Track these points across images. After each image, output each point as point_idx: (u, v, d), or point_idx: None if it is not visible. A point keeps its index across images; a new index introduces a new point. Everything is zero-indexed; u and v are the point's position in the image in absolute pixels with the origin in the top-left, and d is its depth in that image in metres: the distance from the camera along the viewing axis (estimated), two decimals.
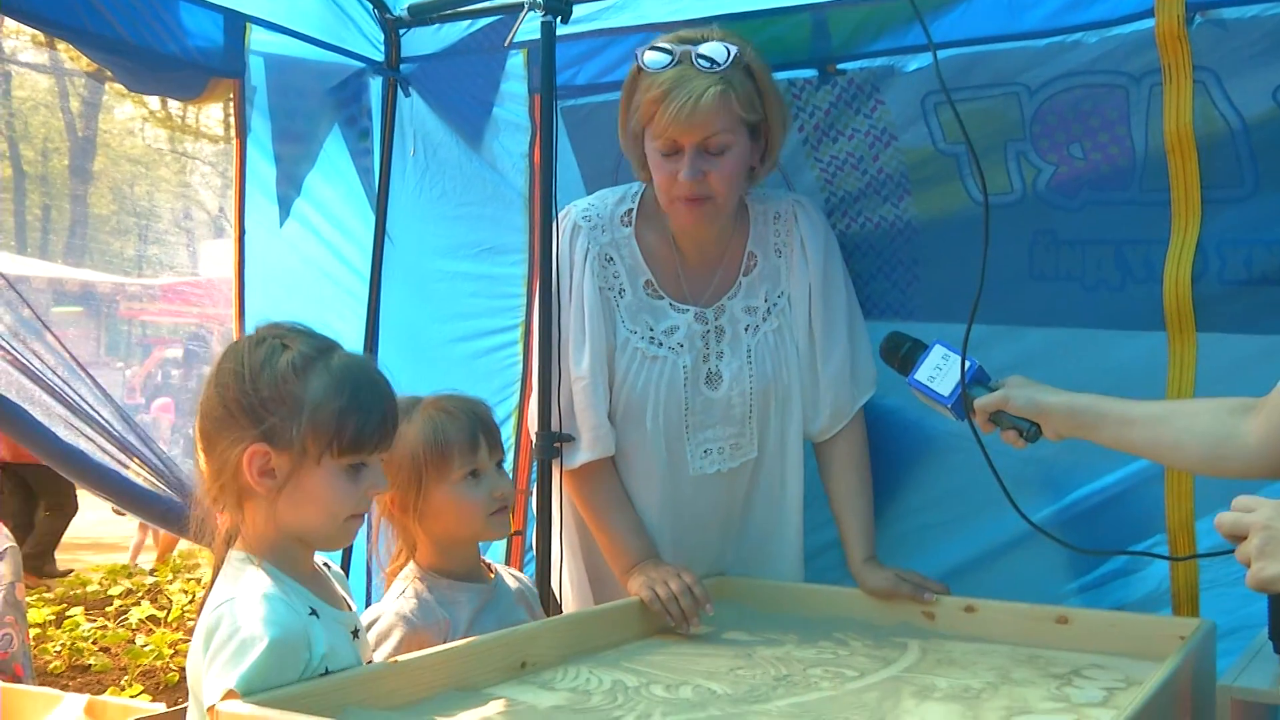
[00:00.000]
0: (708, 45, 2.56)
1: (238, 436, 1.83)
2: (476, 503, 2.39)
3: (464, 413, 2.42)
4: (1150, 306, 2.66)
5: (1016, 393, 2.31)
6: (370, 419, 1.89)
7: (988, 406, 2.34)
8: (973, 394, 2.38)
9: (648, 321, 2.75)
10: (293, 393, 1.84)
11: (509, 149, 3.40)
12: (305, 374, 1.85)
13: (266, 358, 1.86)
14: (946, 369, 2.43)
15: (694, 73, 2.55)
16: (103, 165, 4.31)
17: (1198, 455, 2.09)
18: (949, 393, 2.41)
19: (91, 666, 6.37)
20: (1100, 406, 2.22)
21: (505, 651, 2.15)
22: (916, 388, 2.47)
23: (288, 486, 1.85)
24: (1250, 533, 1.53)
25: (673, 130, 2.56)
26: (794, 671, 2.22)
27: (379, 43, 3.51)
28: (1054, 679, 2.14)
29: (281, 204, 3.42)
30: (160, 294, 4.17)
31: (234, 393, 1.84)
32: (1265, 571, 1.50)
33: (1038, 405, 2.28)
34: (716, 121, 2.56)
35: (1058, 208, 2.77)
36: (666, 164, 2.62)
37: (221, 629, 1.74)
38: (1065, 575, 2.80)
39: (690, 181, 2.59)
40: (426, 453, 2.36)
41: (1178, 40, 2.52)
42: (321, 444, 1.85)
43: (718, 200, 2.64)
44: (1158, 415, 2.16)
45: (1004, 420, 2.33)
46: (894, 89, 2.86)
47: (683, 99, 2.53)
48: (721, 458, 2.78)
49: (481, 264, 3.46)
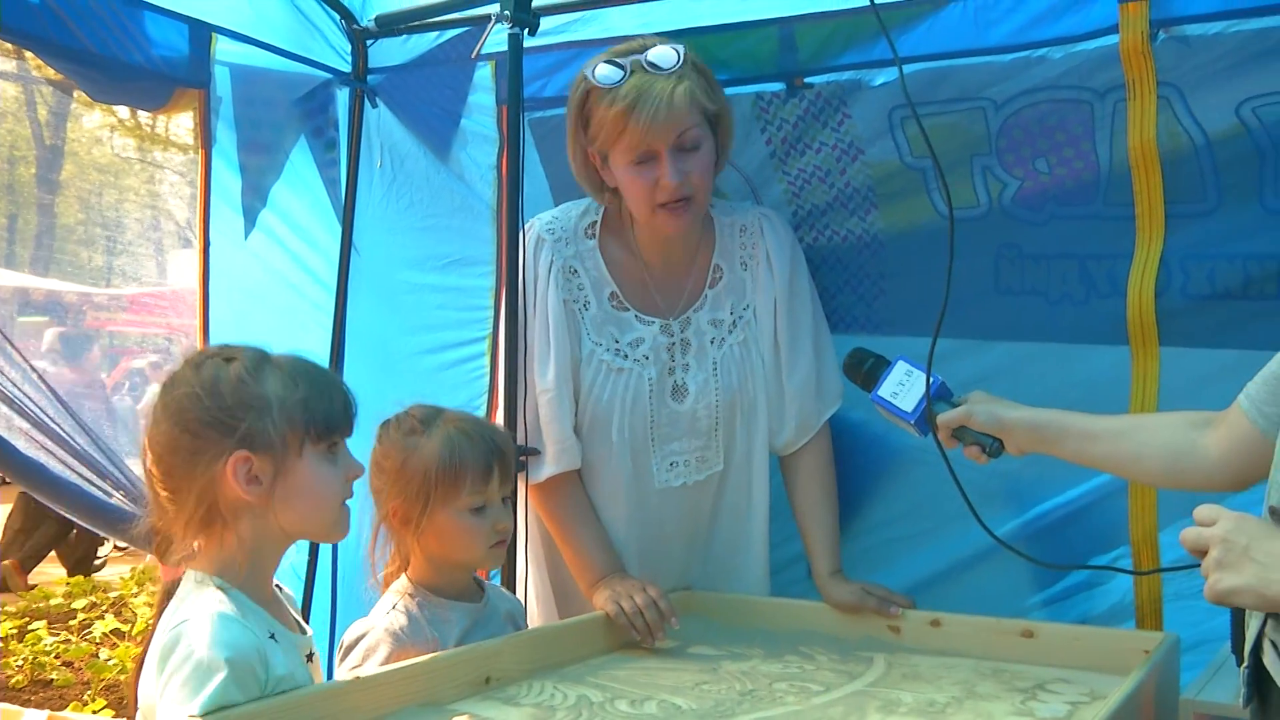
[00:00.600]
0: (655, 51, 2.57)
1: (213, 454, 1.82)
2: (479, 533, 2.34)
3: (483, 439, 2.37)
4: (1114, 321, 2.67)
5: (979, 408, 2.31)
6: (334, 399, 1.93)
7: (950, 422, 2.33)
8: (935, 410, 2.37)
9: (613, 334, 2.75)
10: (256, 394, 1.85)
11: (476, 160, 3.39)
12: (259, 376, 1.87)
13: (215, 373, 1.86)
14: (910, 385, 2.42)
15: (652, 78, 2.55)
16: (70, 174, 4.27)
17: (1159, 468, 2.10)
18: (912, 409, 2.40)
19: (54, 681, 6.31)
20: (1062, 421, 2.21)
21: (469, 667, 2.14)
22: (880, 404, 2.45)
23: (277, 488, 1.85)
24: (1210, 545, 1.53)
25: (649, 137, 2.56)
26: (759, 686, 2.21)
27: (346, 54, 3.50)
28: (1019, 693, 2.15)
29: (247, 215, 3.39)
30: (128, 304, 4.14)
31: (195, 414, 1.83)
32: (1222, 584, 1.50)
33: (1000, 420, 2.27)
34: (688, 118, 2.57)
35: (1023, 222, 2.78)
36: (642, 173, 2.61)
37: (177, 653, 1.72)
38: (1030, 589, 2.81)
39: (676, 183, 2.59)
40: (439, 473, 2.31)
41: (1142, 56, 2.53)
42: (299, 434, 1.86)
43: (698, 199, 2.65)
44: (1119, 430, 2.16)
45: (967, 436, 2.32)
46: (861, 103, 2.87)
47: (654, 103, 2.53)
48: (687, 470, 2.78)
49: (449, 276, 3.45)
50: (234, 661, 1.70)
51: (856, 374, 2.54)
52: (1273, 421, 1.82)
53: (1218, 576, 1.51)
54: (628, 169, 2.62)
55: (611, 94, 2.57)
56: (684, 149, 2.59)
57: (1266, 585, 1.48)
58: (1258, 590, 1.48)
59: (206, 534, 1.86)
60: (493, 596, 2.47)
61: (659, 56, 2.57)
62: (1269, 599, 1.49)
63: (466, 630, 2.33)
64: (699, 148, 2.61)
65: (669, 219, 2.65)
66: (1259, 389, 1.87)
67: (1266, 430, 1.83)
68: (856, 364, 2.54)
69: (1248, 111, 2.47)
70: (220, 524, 1.85)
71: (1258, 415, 1.85)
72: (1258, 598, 1.50)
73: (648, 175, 2.60)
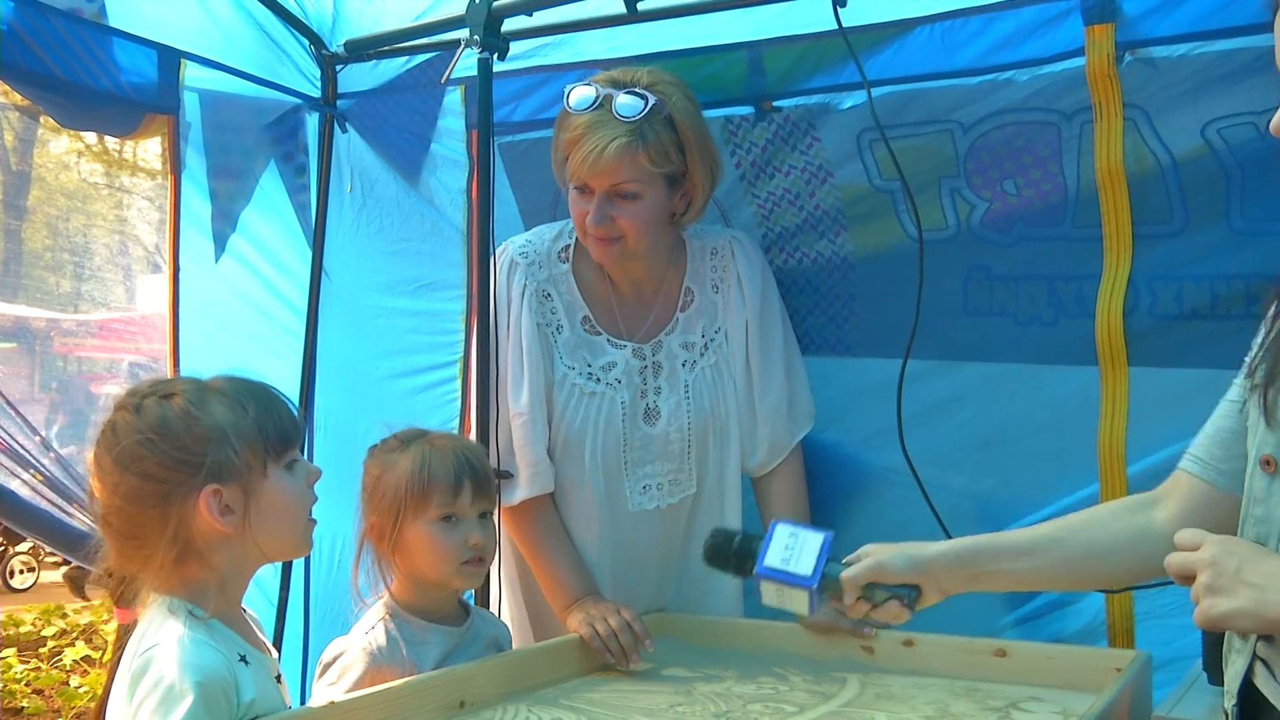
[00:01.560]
0: (623, 97, 2.58)
1: (183, 494, 1.80)
2: (449, 548, 2.33)
3: (454, 453, 2.37)
4: (1083, 341, 2.68)
5: (889, 557, 2.01)
6: (282, 412, 1.91)
7: (860, 579, 2.00)
8: (831, 572, 2.02)
9: (585, 357, 2.75)
10: (209, 425, 1.83)
11: (446, 185, 3.39)
12: (205, 407, 1.84)
13: (161, 413, 1.82)
14: (798, 547, 2.04)
15: (609, 118, 2.57)
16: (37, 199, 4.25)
17: (1126, 562, 1.96)
18: (811, 572, 2.01)
19: (24, 709, 6.27)
20: (989, 545, 2.02)
21: (443, 691, 2.13)
22: (770, 578, 2.04)
23: (250, 512, 1.84)
24: (1197, 569, 1.51)
25: (581, 174, 2.60)
26: (734, 708, 2.21)
27: (315, 79, 3.50)
28: (992, 712, 2.15)
29: (217, 240, 3.38)
30: (96, 330, 4.12)
31: (153, 460, 1.80)
32: (1216, 609, 1.47)
33: (917, 563, 2.00)
34: (621, 172, 2.59)
35: (991, 243, 2.79)
36: (579, 201, 2.66)
37: (147, 678, 1.71)
38: (1003, 608, 2.81)
39: (595, 225, 2.63)
40: (408, 485, 2.32)
41: (1108, 79, 2.55)
42: (260, 455, 1.85)
43: (628, 242, 2.67)
44: (1056, 536, 1.98)
45: (877, 594, 2.01)
46: (829, 126, 2.88)
47: (591, 145, 2.57)
48: (660, 493, 2.78)
49: (419, 300, 3.45)
50: (205, 685, 1.69)
51: (725, 557, 2.15)
52: (1234, 477, 1.80)
53: (1211, 602, 1.47)
54: (572, 191, 2.67)
55: (572, 119, 2.61)
56: (620, 195, 2.62)
57: (1264, 608, 1.45)
58: (1254, 613, 1.45)
59: (180, 571, 1.84)
60: (477, 621, 2.46)
61: (623, 105, 2.58)
62: (1267, 621, 1.46)
63: (446, 654, 2.32)
64: (635, 199, 2.63)
65: (594, 247, 2.69)
66: (1208, 451, 1.83)
67: (1229, 486, 1.80)
68: (722, 544, 2.16)
69: (1213, 133, 2.49)
70: (198, 559, 1.83)
71: (1216, 475, 1.82)
72: (1255, 620, 1.47)
73: (579, 205, 2.66)
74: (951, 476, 2.79)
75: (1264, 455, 1.61)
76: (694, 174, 2.69)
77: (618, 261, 2.72)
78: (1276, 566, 1.48)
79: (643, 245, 2.70)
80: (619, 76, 2.65)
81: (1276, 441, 1.60)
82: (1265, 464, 1.61)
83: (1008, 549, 2.00)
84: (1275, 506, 1.60)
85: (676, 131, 2.63)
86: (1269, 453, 1.61)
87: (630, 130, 2.57)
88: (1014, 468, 2.79)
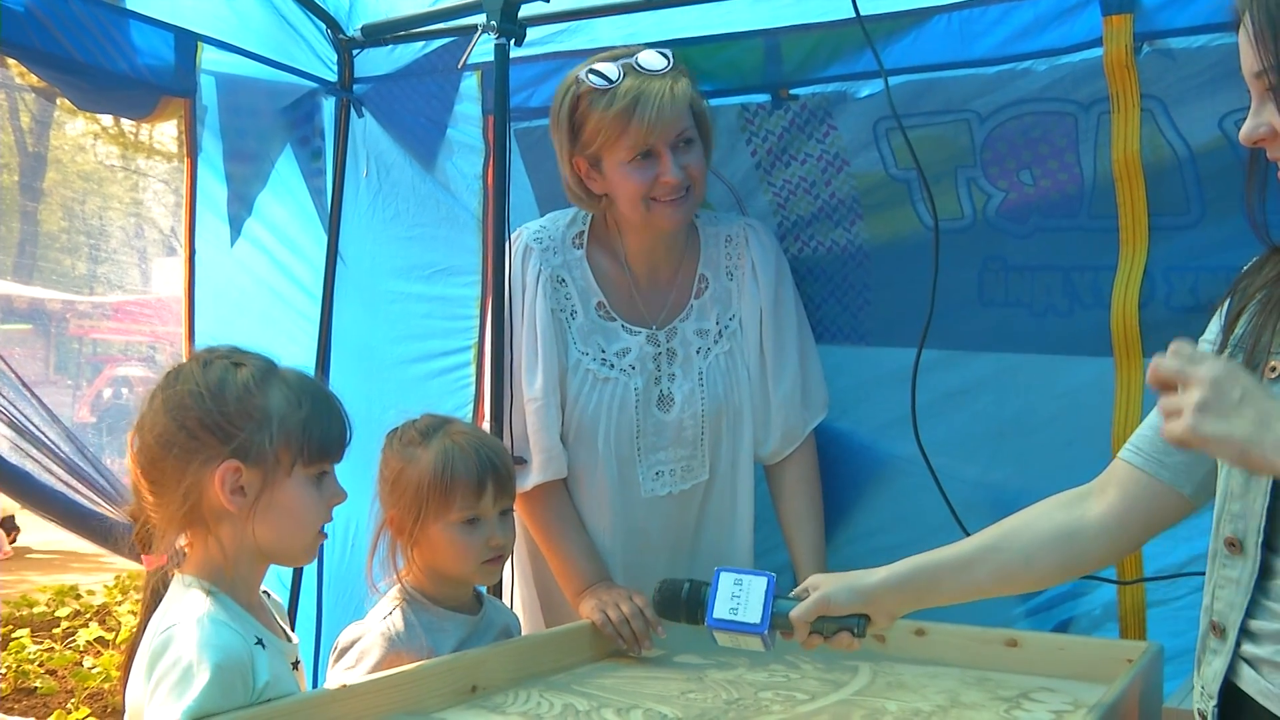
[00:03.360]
0: (645, 56, 2.62)
1: (206, 457, 1.81)
2: (471, 548, 2.33)
3: (478, 453, 2.35)
4: (1098, 332, 2.68)
5: (833, 590, 2.01)
6: (333, 425, 1.92)
7: (807, 615, 2.01)
8: (781, 609, 2.04)
9: (599, 343, 2.75)
10: (259, 406, 1.84)
11: (462, 171, 3.39)
12: (265, 388, 1.86)
13: (223, 376, 1.85)
14: (744, 594, 2.07)
15: (648, 79, 2.59)
16: (54, 181, 4.27)
17: (1052, 563, 1.94)
18: (760, 619, 2.03)
19: (38, 689, 6.29)
20: (930, 562, 2.00)
21: (455, 675, 2.13)
22: (721, 629, 2.08)
23: (260, 503, 1.84)
24: (1192, 384, 1.43)
25: (651, 136, 2.59)
26: (745, 695, 2.21)
27: (332, 63, 3.50)
28: (1003, 702, 2.15)
29: (233, 224, 3.39)
30: (111, 312, 4.14)
31: (195, 414, 1.82)
32: (1205, 427, 1.39)
33: (861, 593, 2.00)
34: (685, 117, 2.62)
35: (1007, 234, 2.79)
36: (640, 171, 2.63)
37: (167, 655, 1.72)
38: (1014, 599, 2.81)
39: (678, 179, 2.62)
40: (431, 485, 2.31)
41: (1126, 69, 2.55)
42: (292, 454, 1.85)
43: (696, 191, 2.68)
44: (993, 544, 1.97)
45: (827, 627, 2.02)
46: (846, 114, 2.88)
47: (655, 102, 2.57)
48: (673, 480, 2.78)
49: (434, 285, 3.45)
50: (222, 665, 1.70)
51: (675, 607, 2.17)
52: (1178, 471, 1.80)
53: (1200, 419, 1.41)
54: (624, 165, 2.64)
55: (609, 95, 2.59)
56: (684, 142, 2.63)
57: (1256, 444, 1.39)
58: (1243, 446, 1.40)
59: (191, 533, 1.86)
60: (490, 610, 2.46)
61: (649, 60, 2.61)
62: (1252, 458, 1.41)
63: (462, 641, 2.33)
64: (694, 143, 2.65)
65: (666, 211, 2.67)
66: (1150, 442, 1.83)
67: (1172, 480, 1.80)
68: (671, 594, 2.19)
69: (1231, 124, 2.47)
70: (203, 526, 1.85)
71: (1159, 468, 1.81)
72: (1240, 453, 1.41)
73: (646, 172, 2.63)
74: (965, 466, 2.78)
75: None
76: (707, 118, 2.73)
77: (687, 217, 2.73)
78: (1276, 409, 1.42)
79: (703, 193, 2.73)
80: (609, 56, 2.67)
81: None
82: None
83: (948, 565, 1.98)
84: (1254, 501, 1.59)
85: (689, 78, 2.68)
86: None
87: (673, 77, 2.61)
88: (1028, 458, 2.78)
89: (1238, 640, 1.62)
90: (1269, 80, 1.55)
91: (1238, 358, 1.63)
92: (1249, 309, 1.68)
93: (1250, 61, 1.58)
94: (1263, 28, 1.54)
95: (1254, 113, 1.60)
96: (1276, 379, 1.58)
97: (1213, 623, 1.68)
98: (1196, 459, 1.78)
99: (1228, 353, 1.67)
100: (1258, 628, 1.61)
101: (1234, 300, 1.74)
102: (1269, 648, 1.58)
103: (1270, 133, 1.58)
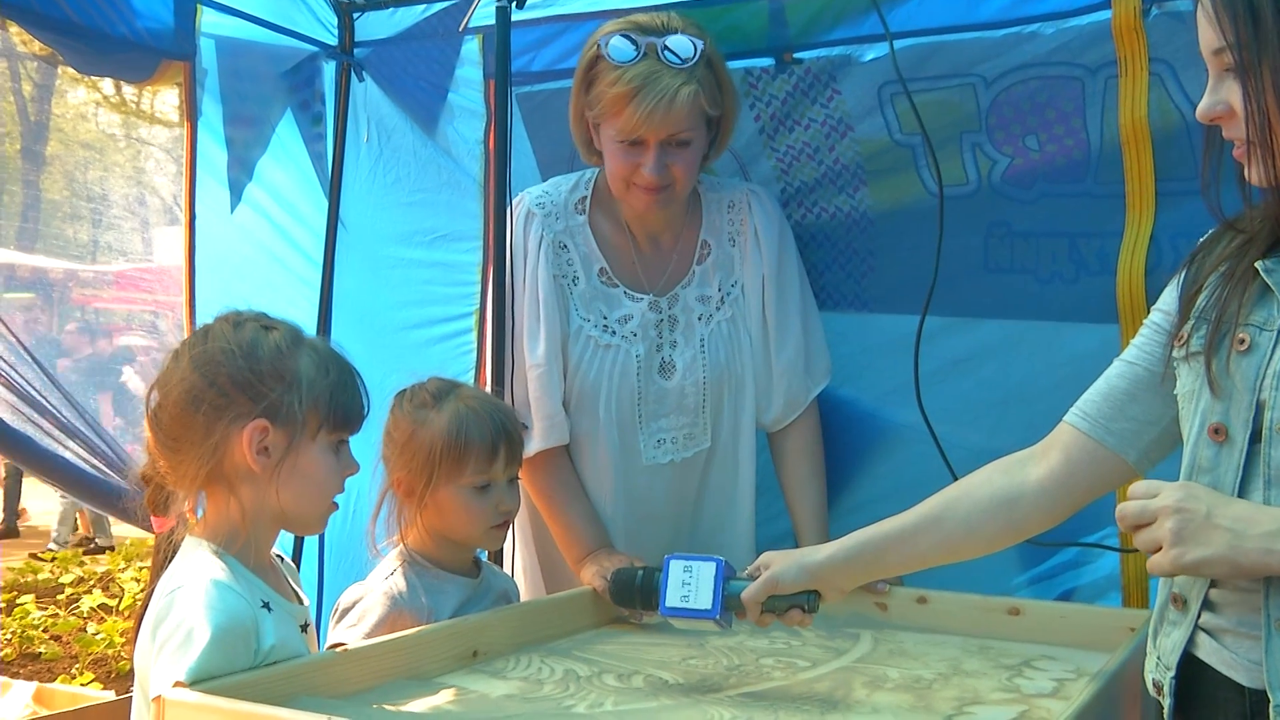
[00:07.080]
0: (674, 39, 2.54)
1: (234, 416, 1.82)
2: (481, 513, 2.35)
3: (491, 418, 2.37)
4: (1104, 298, 2.66)
5: (780, 569, 2.03)
6: (357, 396, 1.94)
7: (758, 596, 2.02)
8: (732, 590, 2.06)
9: (601, 310, 2.74)
10: (289, 368, 1.85)
11: (464, 135, 3.37)
12: (295, 352, 1.87)
13: (254, 338, 1.86)
14: (694, 580, 2.08)
15: (663, 68, 2.53)
16: (55, 150, 4.25)
17: (994, 529, 1.92)
18: (712, 604, 2.05)
19: (42, 654, 6.33)
20: (875, 535, 2.00)
21: (456, 640, 2.13)
22: (674, 616, 2.12)
23: (284, 465, 1.85)
24: (1159, 517, 1.48)
25: (642, 128, 2.54)
26: (746, 661, 2.21)
27: (332, 26, 3.48)
28: (1005, 670, 2.15)
29: (233, 189, 3.38)
30: (114, 280, 4.13)
31: (227, 371, 1.83)
32: (1189, 556, 1.46)
33: (809, 570, 2.01)
34: (684, 121, 2.55)
35: (1013, 200, 2.77)
36: (627, 154, 2.60)
37: (171, 617, 1.72)
38: (1017, 567, 2.81)
39: (655, 177, 2.58)
40: (444, 449, 2.31)
41: (1134, 32, 2.53)
42: (318, 419, 1.87)
43: (675, 189, 2.64)
44: (935, 514, 1.96)
45: (779, 605, 2.03)
46: (850, 79, 2.85)
47: (655, 98, 2.51)
48: (675, 447, 2.77)
49: (436, 250, 3.44)
50: (226, 628, 1.70)
51: (630, 595, 2.22)
52: (1124, 438, 1.79)
53: (1181, 550, 1.46)
54: (614, 145, 2.61)
55: (618, 72, 2.55)
56: (676, 143, 2.58)
57: (1239, 553, 1.45)
58: (1230, 559, 1.45)
59: (210, 491, 1.86)
60: (488, 575, 2.47)
61: (678, 45, 2.54)
62: (1243, 567, 1.46)
63: (462, 604, 2.34)
64: (688, 144, 2.60)
65: (640, 198, 2.65)
66: (1097, 407, 1.82)
67: (1117, 447, 1.80)
68: (625, 585, 2.23)
69: None
70: (223, 486, 1.85)
71: (1105, 434, 1.81)
72: (1230, 566, 1.47)
73: (630, 158, 2.60)
74: (969, 434, 2.76)
75: (1212, 424, 1.60)
76: (729, 115, 2.69)
77: (662, 209, 2.69)
78: (1246, 509, 1.48)
79: (687, 191, 2.70)
80: (647, 23, 2.59)
81: (1224, 410, 1.59)
82: (1215, 432, 1.59)
83: (893, 537, 1.98)
84: (1224, 475, 1.58)
85: (715, 74, 2.61)
86: (1217, 421, 1.59)
87: (688, 76, 2.53)
88: (1033, 425, 2.72)
89: (1199, 612, 1.62)
90: (1228, 58, 1.55)
91: (1202, 329, 1.63)
92: (1210, 280, 1.68)
93: (1209, 39, 1.58)
94: (1221, 5, 1.55)
95: (1211, 90, 1.61)
96: (1245, 351, 1.57)
97: (1173, 594, 1.67)
98: (1143, 426, 1.80)
99: (1190, 324, 1.66)
100: (1219, 597, 1.60)
101: (1189, 272, 1.74)
102: (1232, 618, 1.58)
103: (1227, 110, 1.58)
